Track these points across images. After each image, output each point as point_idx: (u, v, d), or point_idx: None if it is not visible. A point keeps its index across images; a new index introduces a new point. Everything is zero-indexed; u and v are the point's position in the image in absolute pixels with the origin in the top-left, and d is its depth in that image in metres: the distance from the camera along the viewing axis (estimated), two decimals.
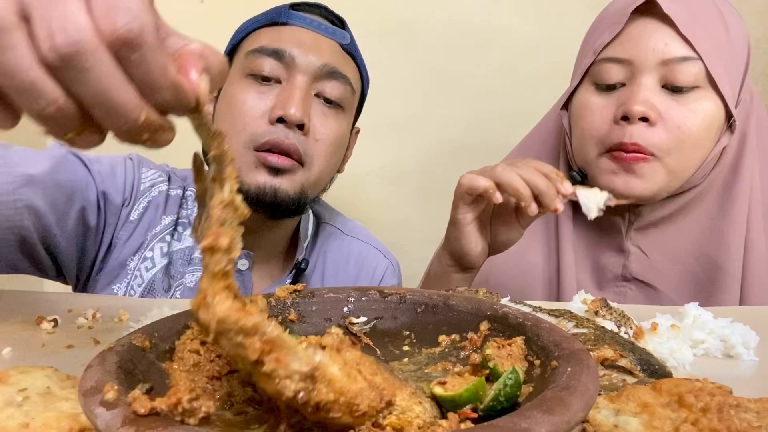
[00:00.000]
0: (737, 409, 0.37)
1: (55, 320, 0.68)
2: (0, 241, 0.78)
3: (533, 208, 0.74)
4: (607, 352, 0.51)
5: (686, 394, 0.38)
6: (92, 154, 0.93)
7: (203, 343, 0.43)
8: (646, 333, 0.59)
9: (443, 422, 0.33)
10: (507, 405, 0.35)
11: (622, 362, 0.51)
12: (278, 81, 0.91)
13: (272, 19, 0.94)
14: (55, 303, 0.76)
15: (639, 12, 0.80)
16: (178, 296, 0.95)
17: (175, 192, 1.01)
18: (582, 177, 0.88)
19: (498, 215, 0.83)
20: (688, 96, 0.78)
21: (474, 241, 0.82)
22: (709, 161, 0.82)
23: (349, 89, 0.96)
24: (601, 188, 0.84)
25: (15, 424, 0.38)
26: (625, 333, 0.60)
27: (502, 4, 1.52)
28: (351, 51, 0.98)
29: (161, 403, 0.31)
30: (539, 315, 0.52)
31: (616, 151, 0.81)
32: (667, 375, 0.50)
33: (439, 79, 1.55)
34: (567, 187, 0.74)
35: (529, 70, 1.43)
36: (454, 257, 0.86)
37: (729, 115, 0.80)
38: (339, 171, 1.05)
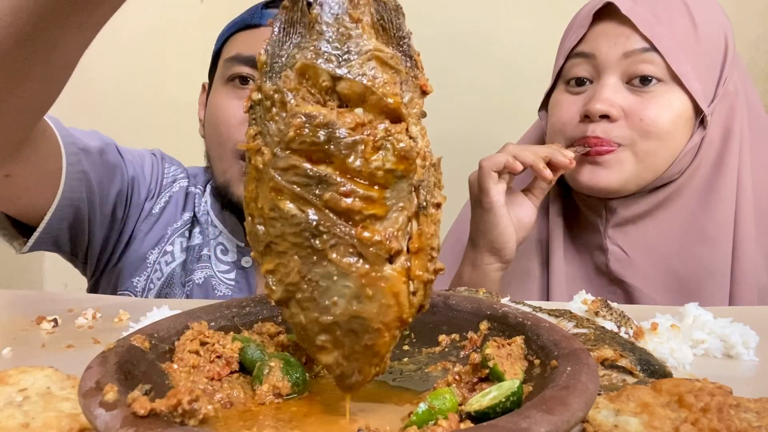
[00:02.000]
0: (737, 409, 0.37)
1: (55, 320, 0.68)
2: (59, 213, 0.81)
3: (548, 173, 0.80)
4: (607, 352, 0.51)
5: (686, 394, 0.38)
6: (121, 146, 0.96)
7: (203, 344, 0.43)
8: (646, 333, 0.59)
9: (443, 422, 0.33)
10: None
11: (622, 362, 0.51)
12: None
13: (246, 23, 0.93)
14: (55, 303, 0.76)
15: (602, 16, 0.83)
16: (187, 293, 0.96)
17: (192, 190, 1.03)
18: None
19: (509, 196, 0.86)
20: (651, 90, 0.80)
21: (508, 224, 0.84)
22: (683, 156, 0.82)
23: None
24: (569, 181, 0.89)
25: (15, 424, 0.38)
26: (625, 333, 0.60)
27: (503, 2, 1.52)
28: None
29: (161, 405, 0.31)
30: (539, 315, 0.52)
31: (584, 146, 0.83)
32: (667, 375, 0.50)
33: (439, 78, 1.54)
34: (568, 152, 0.81)
35: (529, 68, 1.42)
36: (493, 251, 0.86)
37: (700, 111, 0.81)
38: None
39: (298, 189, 0.34)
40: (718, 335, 0.61)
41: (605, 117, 0.80)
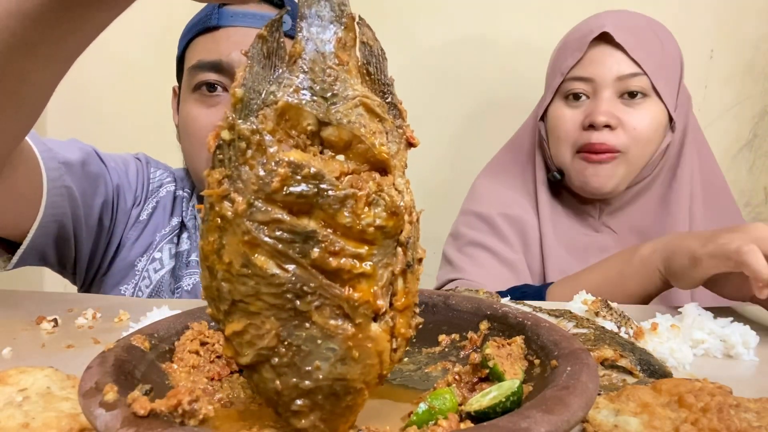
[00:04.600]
0: (737, 409, 0.37)
1: (55, 320, 0.68)
2: (43, 229, 0.79)
3: None
4: (607, 352, 0.51)
5: (686, 394, 0.38)
6: (103, 152, 0.94)
7: (203, 344, 0.43)
8: (646, 333, 0.59)
9: (443, 422, 0.33)
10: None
11: (622, 362, 0.51)
12: (225, 89, 0.88)
13: (204, 24, 0.89)
14: (55, 303, 0.76)
15: (595, 40, 0.99)
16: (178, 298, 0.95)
17: (181, 193, 1.00)
18: (561, 176, 1.06)
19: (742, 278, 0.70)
20: (639, 103, 0.98)
21: (693, 285, 0.77)
22: (657, 155, 1.02)
23: None
24: (576, 184, 1.03)
25: (15, 424, 0.38)
26: (625, 333, 0.60)
27: (505, 5, 1.52)
28: (293, 34, 0.95)
29: (161, 405, 0.31)
30: (539, 315, 0.52)
31: (586, 152, 0.99)
32: (667, 375, 0.50)
33: (440, 79, 1.54)
34: None
35: (530, 71, 1.43)
36: (668, 273, 0.80)
37: (670, 118, 1.01)
38: None
39: (281, 246, 0.31)
40: (718, 335, 0.61)
41: (607, 126, 0.97)
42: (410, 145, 0.36)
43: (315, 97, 0.32)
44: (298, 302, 0.31)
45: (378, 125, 0.33)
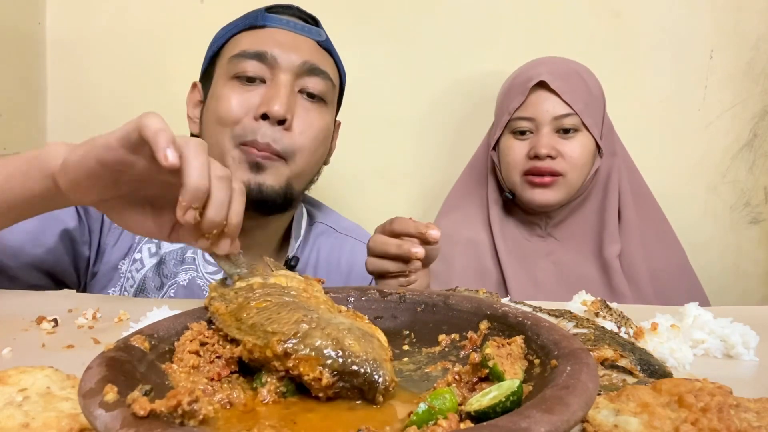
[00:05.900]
0: (737, 409, 0.37)
1: (55, 320, 0.68)
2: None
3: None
4: (607, 352, 0.51)
5: (686, 394, 0.38)
6: None
7: (203, 344, 0.43)
8: (646, 333, 0.59)
9: (443, 422, 0.33)
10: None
11: (622, 362, 0.51)
12: (263, 81, 0.93)
13: (250, 24, 0.97)
14: (55, 303, 0.76)
15: (535, 85, 1.21)
16: (171, 294, 0.97)
17: None
18: (512, 195, 1.26)
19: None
20: (572, 137, 1.21)
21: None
22: (590, 177, 1.25)
23: (330, 84, 0.98)
24: (526, 202, 1.23)
25: (15, 424, 0.38)
26: (625, 333, 0.60)
27: (506, 5, 1.52)
28: (327, 47, 1.01)
29: (161, 405, 0.31)
30: (539, 315, 0.52)
31: (532, 175, 1.21)
32: (667, 375, 0.50)
33: (440, 81, 1.54)
34: (433, 233, 0.78)
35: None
36: None
37: (598, 146, 1.24)
38: (325, 163, 1.07)
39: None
40: (718, 335, 0.61)
41: (549, 156, 1.19)
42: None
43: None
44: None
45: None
